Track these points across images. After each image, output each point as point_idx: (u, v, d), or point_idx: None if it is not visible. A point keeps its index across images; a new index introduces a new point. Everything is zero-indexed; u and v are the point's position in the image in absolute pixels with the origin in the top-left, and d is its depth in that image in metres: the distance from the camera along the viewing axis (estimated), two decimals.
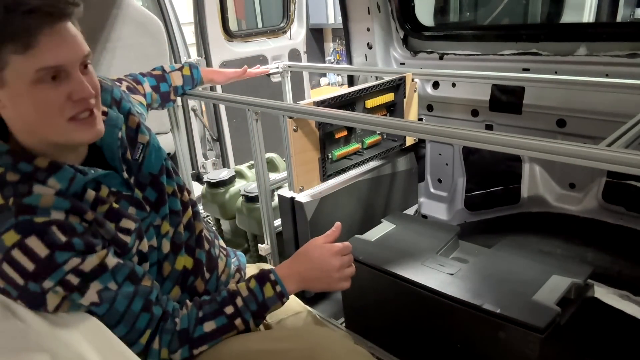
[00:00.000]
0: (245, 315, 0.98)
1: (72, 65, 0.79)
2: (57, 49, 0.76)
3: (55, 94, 0.79)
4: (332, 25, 5.59)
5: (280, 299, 1.01)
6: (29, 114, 0.80)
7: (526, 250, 1.49)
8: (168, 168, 1.07)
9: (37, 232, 0.79)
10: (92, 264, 0.84)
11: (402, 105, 1.96)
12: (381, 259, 1.48)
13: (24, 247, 0.78)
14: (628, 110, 1.45)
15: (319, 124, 1.65)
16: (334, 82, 5.76)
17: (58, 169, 0.86)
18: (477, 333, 1.28)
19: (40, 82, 0.77)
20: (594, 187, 1.80)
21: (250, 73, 1.91)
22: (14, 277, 0.78)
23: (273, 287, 1.01)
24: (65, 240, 0.81)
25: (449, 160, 2.22)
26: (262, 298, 0.99)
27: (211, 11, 2.75)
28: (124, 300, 0.88)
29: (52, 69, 0.77)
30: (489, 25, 2.56)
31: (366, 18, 2.22)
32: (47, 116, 0.80)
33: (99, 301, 0.85)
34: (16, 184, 0.82)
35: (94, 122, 0.85)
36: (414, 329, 1.46)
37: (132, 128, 1.03)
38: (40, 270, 0.79)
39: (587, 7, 2.68)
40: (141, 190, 1.00)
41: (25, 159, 0.84)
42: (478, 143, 1.11)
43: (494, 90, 1.91)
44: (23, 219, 0.79)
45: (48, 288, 0.80)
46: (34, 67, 0.76)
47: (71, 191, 0.86)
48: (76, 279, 0.82)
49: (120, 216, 0.92)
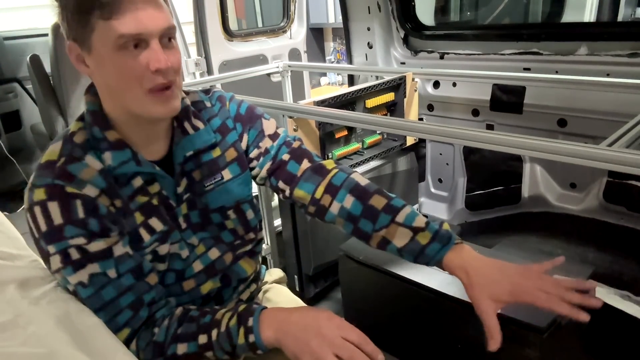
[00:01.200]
0: (217, 352, 0.88)
1: (152, 35, 0.81)
2: (138, 18, 0.79)
3: (135, 63, 0.81)
4: (333, 24, 5.58)
5: (251, 350, 0.87)
6: (111, 79, 0.84)
7: (527, 250, 1.49)
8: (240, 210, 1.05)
9: (60, 200, 0.83)
10: (97, 247, 0.85)
11: (403, 104, 1.96)
12: (381, 259, 1.48)
13: (44, 208, 0.82)
14: (629, 110, 1.44)
15: (319, 124, 1.65)
16: (334, 82, 5.75)
17: (121, 147, 0.89)
18: (478, 333, 1.28)
19: (123, 49, 0.80)
20: (595, 187, 1.80)
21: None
22: (33, 229, 0.85)
23: (246, 335, 0.86)
24: (82, 218, 0.83)
25: (450, 160, 2.21)
26: (235, 341, 0.87)
27: (211, 11, 2.74)
28: (114, 290, 0.87)
29: (132, 36, 0.80)
30: (490, 24, 2.55)
31: (366, 17, 2.22)
32: (127, 84, 0.83)
33: (87, 283, 0.85)
34: (77, 146, 0.88)
35: (170, 97, 0.86)
36: (414, 329, 1.46)
37: (224, 158, 1.02)
38: (49, 235, 0.83)
39: (588, 7, 2.68)
40: (189, 208, 0.99)
41: (100, 125, 0.89)
42: (479, 143, 1.10)
43: (494, 89, 1.91)
44: (56, 183, 0.83)
45: (50, 253, 0.84)
46: (116, 33, 0.79)
47: (118, 172, 0.89)
48: (77, 254, 0.84)
49: (153, 213, 0.93)
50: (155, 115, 0.87)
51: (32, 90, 3.11)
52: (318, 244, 1.79)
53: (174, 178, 0.95)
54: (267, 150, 1.06)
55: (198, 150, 0.98)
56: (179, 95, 0.89)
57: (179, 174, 0.96)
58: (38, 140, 3.26)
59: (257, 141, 1.06)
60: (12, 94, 3.38)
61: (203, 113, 1.01)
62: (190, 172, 0.98)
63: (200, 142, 0.98)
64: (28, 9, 4.51)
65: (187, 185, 0.98)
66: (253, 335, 0.85)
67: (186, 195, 0.98)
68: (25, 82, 3.31)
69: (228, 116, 1.04)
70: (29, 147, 3.46)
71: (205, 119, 1.00)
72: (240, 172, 1.04)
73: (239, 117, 1.05)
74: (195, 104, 1.01)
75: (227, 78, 2.25)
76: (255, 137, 1.06)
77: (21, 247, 1.10)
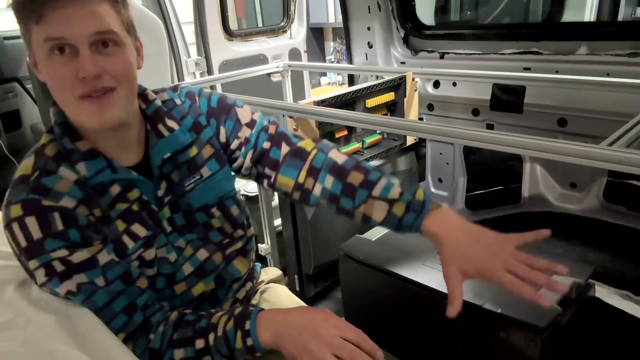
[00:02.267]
0: (215, 357, 0.88)
1: (79, 40, 0.78)
2: (63, 22, 0.77)
3: (65, 69, 0.79)
4: (333, 24, 5.58)
5: (250, 353, 0.86)
6: (50, 87, 0.83)
7: (527, 249, 1.48)
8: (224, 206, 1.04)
9: (37, 214, 0.81)
10: (81, 257, 0.83)
11: (403, 104, 1.96)
12: (381, 259, 1.48)
13: (22, 224, 0.81)
14: (629, 110, 1.44)
15: (319, 124, 1.65)
16: (335, 82, 5.75)
17: (93, 157, 0.87)
18: (478, 333, 1.28)
19: (52, 55, 0.79)
20: (595, 187, 1.80)
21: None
22: (13, 245, 0.84)
23: (243, 339, 0.85)
24: (61, 230, 0.82)
25: (450, 159, 2.21)
26: (233, 345, 0.86)
27: (211, 10, 2.74)
28: (106, 296, 0.86)
29: (55, 40, 0.78)
30: (490, 24, 2.55)
31: (367, 17, 2.22)
32: (60, 90, 0.82)
33: (76, 291, 0.84)
34: (49, 159, 0.86)
35: (104, 106, 0.82)
36: (415, 328, 1.46)
37: (201, 156, 1.00)
38: (30, 250, 0.82)
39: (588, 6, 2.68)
40: (172, 211, 0.97)
41: (70, 136, 0.87)
42: (479, 142, 1.10)
43: (494, 89, 1.91)
44: (32, 198, 0.82)
45: (33, 268, 0.83)
46: (42, 36, 0.78)
47: (95, 181, 0.87)
48: (61, 266, 0.83)
49: (135, 219, 0.91)
50: (89, 125, 0.84)
51: (32, 90, 3.11)
52: (318, 243, 1.79)
53: (153, 182, 0.93)
54: (247, 139, 1.04)
55: (175, 151, 0.96)
56: (120, 106, 0.84)
57: (158, 177, 0.94)
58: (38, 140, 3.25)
59: (235, 131, 1.04)
60: (12, 94, 3.37)
61: (174, 112, 0.98)
62: (169, 174, 0.96)
63: (176, 143, 0.96)
64: None
65: (167, 187, 0.96)
66: (251, 338, 0.85)
67: (167, 198, 0.96)
68: (25, 81, 3.31)
69: (200, 113, 1.01)
70: (29, 147, 3.41)
71: (178, 118, 0.98)
72: (219, 168, 1.02)
73: (211, 112, 1.03)
74: (166, 103, 0.99)
75: (227, 78, 2.25)
76: (232, 127, 1.03)
77: None
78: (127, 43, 0.85)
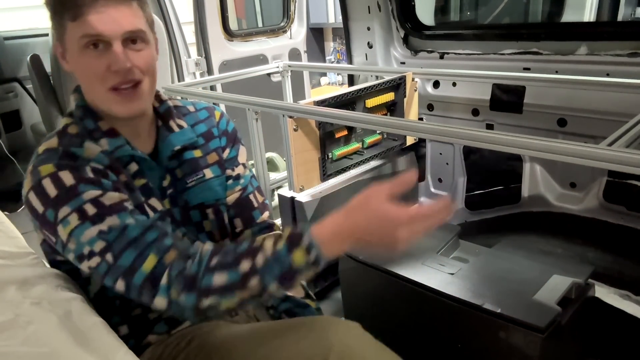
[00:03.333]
0: (264, 279, 0.81)
1: (113, 37, 0.86)
2: (100, 20, 0.85)
3: (97, 62, 0.87)
4: (333, 24, 5.58)
5: (314, 266, 0.82)
6: (81, 77, 0.91)
7: (527, 249, 1.49)
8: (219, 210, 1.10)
9: (71, 169, 0.87)
10: (112, 199, 0.87)
11: (403, 104, 1.96)
12: (381, 259, 1.48)
13: (55, 177, 0.85)
14: (629, 110, 1.44)
15: (319, 124, 1.65)
16: (334, 82, 5.75)
17: (114, 135, 0.95)
18: (478, 333, 1.28)
19: (86, 49, 0.86)
20: (595, 187, 1.80)
21: None
22: (37, 205, 0.86)
23: (307, 252, 0.80)
24: (94, 177, 0.87)
25: (450, 159, 2.21)
26: (288, 264, 0.81)
27: (211, 10, 2.74)
28: (138, 228, 0.85)
29: (92, 37, 0.86)
30: (490, 24, 2.55)
31: (366, 17, 2.22)
32: (91, 82, 0.90)
33: (108, 231, 0.84)
34: (73, 136, 0.92)
35: (133, 97, 0.91)
36: (415, 328, 1.46)
37: (205, 160, 1.08)
38: (61, 197, 0.84)
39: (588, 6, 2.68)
40: (171, 204, 1.03)
41: (92, 116, 0.95)
42: (479, 142, 1.10)
43: (494, 89, 1.91)
44: (63, 162, 0.87)
45: (63, 216, 0.84)
46: (79, 33, 0.86)
47: (116, 155, 0.93)
48: (94, 209, 0.85)
49: (152, 194, 0.98)
50: (117, 113, 0.92)
51: (32, 90, 3.11)
52: None
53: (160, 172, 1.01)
54: (239, 176, 1.15)
55: (184, 146, 1.03)
56: (145, 97, 0.93)
57: (165, 169, 1.01)
58: (38, 140, 3.25)
59: (232, 163, 1.14)
60: (12, 94, 3.38)
61: (187, 117, 1.08)
62: (173, 169, 1.03)
63: (185, 138, 1.04)
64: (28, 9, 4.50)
65: (170, 181, 1.02)
66: (315, 249, 0.80)
67: (169, 191, 1.02)
68: (25, 81, 3.32)
69: (214, 126, 1.11)
70: (29, 147, 3.46)
71: (190, 124, 1.07)
72: (221, 174, 1.10)
73: (226, 133, 1.14)
74: (178, 108, 1.08)
75: (227, 78, 2.25)
76: (233, 157, 1.14)
77: (22, 247, 1.10)
78: (151, 40, 0.94)
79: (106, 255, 0.83)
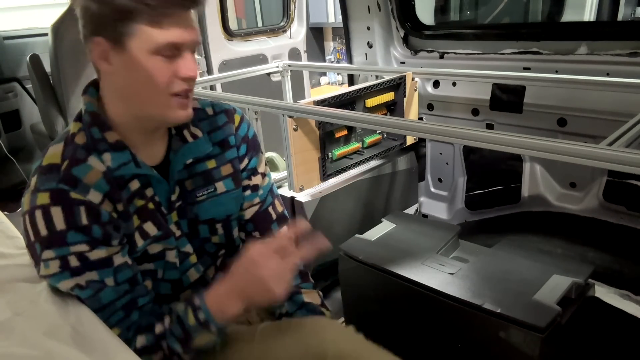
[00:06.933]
0: (169, 340, 0.89)
1: (188, 47, 0.87)
2: (181, 30, 0.84)
3: (166, 69, 0.85)
4: (333, 24, 5.58)
5: (204, 327, 0.89)
6: (138, 82, 0.85)
7: (527, 249, 1.48)
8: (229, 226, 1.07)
9: (64, 206, 0.83)
10: (98, 255, 0.85)
11: (403, 104, 1.96)
12: (381, 259, 1.48)
13: (46, 212, 0.82)
14: (629, 109, 1.44)
15: (319, 123, 1.65)
16: (334, 81, 5.75)
17: (120, 149, 0.89)
18: (478, 333, 1.28)
19: (157, 55, 0.84)
20: (595, 187, 1.80)
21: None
22: (29, 231, 0.85)
23: (195, 314, 0.89)
24: (85, 224, 0.84)
25: (450, 159, 2.21)
26: (187, 325, 0.89)
27: (211, 10, 2.74)
28: (113, 293, 0.88)
29: (173, 45, 0.84)
30: (490, 24, 2.55)
31: (366, 17, 2.22)
32: (155, 87, 0.85)
33: (85, 286, 0.86)
34: (79, 147, 0.88)
35: (189, 103, 0.91)
36: (414, 328, 1.46)
37: (219, 172, 1.02)
38: (49, 239, 0.83)
39: (588, 6, 2.68)
40: (179, 216, 0.98)
41: (99, 125, 0.89)
42: (479, 142, 1.10)
43: (494, 89, 1.91)
44: (61, 188, 0.83)
45: (46, 258, 0.84)
46: (159, 40, 0.82)
47: (118, 173, 0.89)
48: (77, 262, 0.84)
49: (149, 217, 0.93)
50: (174, 119, 0.90)
51: (32, 90, 3.11)
52: None
53: (169, 185, 0.95)
54: (257, 187, 1.09)
55: (196, 158, 0.98)
56: (191, 101, 0.93)
57: (174, 182, 0.96)
58: (38, 140, 3.26)
59: (251, 172, 1.08)
60: (12, 94, 3.38)
61: (203, 124, 1.01)
62: (183, 180, 0.98)
63: (198, 150, 0.99)
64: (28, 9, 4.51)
65: (179, 193, 0.97)
66: (202, 312, 0.88)
67: (178, 204, 0.97)
68: (25, 81, 3.32)
69: (233, 133, 1.04)
70: (29, 146, 3.47)
71: (205, 131, 1.01)
72: (234, 188, 1.04)
73: (246, 139, 1.07)
74: (195, 112, 1.01)
75: (227, 78, 2.25)
76: (253, 167, 1.08)
77: (21, 247, 1.10)
78: None
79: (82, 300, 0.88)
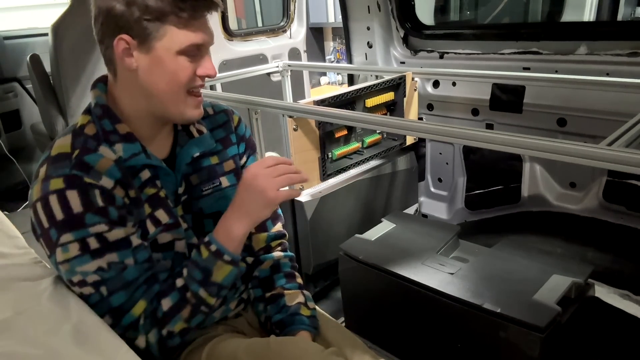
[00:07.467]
0: (192, 287, 0.91)
1: (207, 47, 0.91)
2: (206, 31, 0.89)
3: (189, 67, 0.89)
4: (333, 24, 5.57)
5: (217, 257, 0.92)
6: (162, 79, 0.88)
7: (526, 249, 1.49)
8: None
9: (80, 189, 0.84)
10: (117, 236, 0.86)
11: (403, 104, 1.96)
12: (381, 258, 1.48)
13: (62, 196, 0.83)
14: (629, 109, 1.44)
15: (319, 123, 1.65)
16: (334, 81, 5.75)
17: (131, 140, 0.91)
18: (478, 332, 1.28)
19: (183, 54, 0.87)
20: (595, 187, 1.80)
21: None
22: (42, 218, 0.84)
23: (206, 247, 0.93)
24: (102, 206, 0.85)
25: (449, 159, 2.21)
26: (201, 262, 0.92)
27: None
28: (135, 271, 0.88)
29: (198, 46, 0.88)
30: (490, 24, 2.55)
31: (366, 17, 2.22)
32: (176, 85, 0.89)
33: (107, 269, 0.86)
34: (89, 137, 0.89)
35: (201, 102, 0.95)
36: (414, 328, 1.46)
37: (222, 167, 1.06)
38: (67, 223, 0.83)
39: (587, 6, 2.68)
40: (184, 210, 1.00)
41: (111, 117, 0.91)
42: (479, 142, 1.10)
43: (494, 89, 1.91)
44: (74, 173, 0.84)
45: (64, 242, 0.83)
46: (187, 41, 0.86)
47: (129, 163, 0.91)
48: (97, 243, 0.84)
49: (160, 205, 0.95)
50: (190, 117, 0.94)
51: (32, 90, 3.11)
52: (318, 243, 1.79)
53: (176, 178, 0.98)
54: None
55: (203, 152, 1.02)
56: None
57: (181, 175, 0.99)
58: (38, 140, 3.26)
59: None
60: (12, 94, 3.37)
61: (206, 121, 1.05)
62: (188, 175, 1.01)
63: (203, 145, 1.02)
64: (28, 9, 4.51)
65: (185, 187, 1.00)
66: (213, 244, 0.92)
67: (184, 197, 1.00)
68: (25, 81, 3.31)
69: (232, 131, 1.09)
70: (29, 146, 3.46)
71: (208, 129, 1.05)
72: (236, 182, 1.07)
73: (244, 139, 1.12)
74: None
75: (227, 78, 2.25)
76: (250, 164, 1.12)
77: (21, 246, 1.10)
78: None
79: (100, 289, 0.86)
